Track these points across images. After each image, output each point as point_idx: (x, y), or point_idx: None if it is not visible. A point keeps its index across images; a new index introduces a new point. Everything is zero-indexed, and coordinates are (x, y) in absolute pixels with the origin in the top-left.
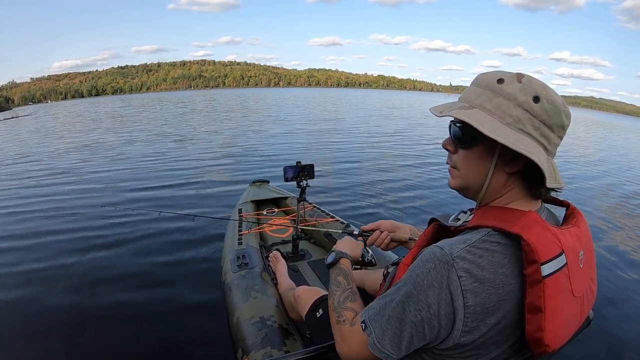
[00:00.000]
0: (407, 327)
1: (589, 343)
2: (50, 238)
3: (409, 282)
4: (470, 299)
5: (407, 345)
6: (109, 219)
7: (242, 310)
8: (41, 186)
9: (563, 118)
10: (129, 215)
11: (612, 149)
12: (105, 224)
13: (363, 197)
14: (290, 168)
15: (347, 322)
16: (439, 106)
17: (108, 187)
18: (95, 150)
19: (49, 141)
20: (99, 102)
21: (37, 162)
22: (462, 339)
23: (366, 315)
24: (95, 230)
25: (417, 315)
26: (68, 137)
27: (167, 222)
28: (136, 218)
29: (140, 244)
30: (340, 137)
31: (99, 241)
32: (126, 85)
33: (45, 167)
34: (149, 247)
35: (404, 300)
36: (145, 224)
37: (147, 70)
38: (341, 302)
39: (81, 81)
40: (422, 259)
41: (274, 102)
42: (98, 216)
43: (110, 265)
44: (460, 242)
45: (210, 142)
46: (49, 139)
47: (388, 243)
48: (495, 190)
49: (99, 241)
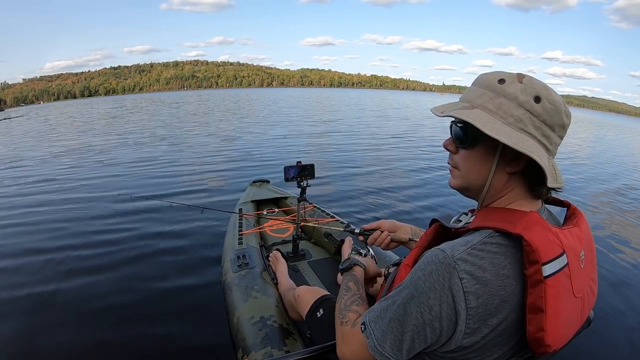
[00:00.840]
0: (409, 330)
1: (589, 343)
2: (53, 225)
3: (411, 284)
4: (472, 300)
5: (409, 349)
6: (104, 222)
7: (242, 310)
8: (60, 176)
9: (563, 118)
10: (127, 221)
11: (607, 147)
12: (105, 228)
13: (363, 197)
14: (291, 168)
15: (349, 323)
16: (440, 106)
17: (102, 197)
18: (84, 154)
19: (60, 139)
20: (92, 103)
21: (62, 154)
22: (464, 341)
23: (367, 318)
24: (94, 234)
25: (418, 317)
26: (70, 138)
27: (166, 223)
28: (133, 218)
29: (139, 246)
30: (340, 137)
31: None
32: (119, 86)
33: (63, 161)
34: (148, 248)
35: (405, 303)
36: (146, 224)
37: (140, 71)
38: (347, 305)
39: (73, 82)
40: (423, 262)
41: (270, 102)
42: (98, 217)
43: (109, 266)
44: (461, 244)
45: (209, 142)
46: (60, 137)
47: (388, 243)
48: (496, 190)
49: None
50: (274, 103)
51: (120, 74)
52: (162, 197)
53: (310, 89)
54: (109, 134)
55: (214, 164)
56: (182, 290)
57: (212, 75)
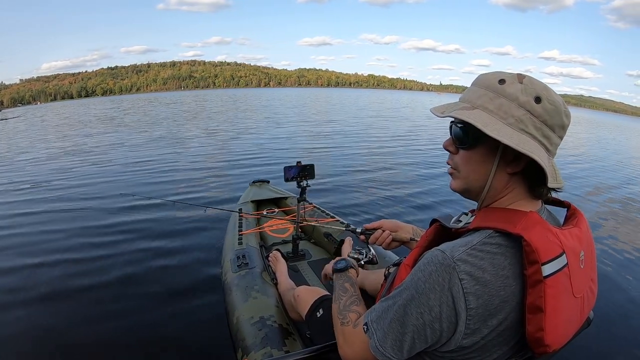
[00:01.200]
0: (409, 331)
1: (589, 343)
2: (56, 227)
3: (411, 285)
4: (472, 301)
5: (409, 349)
6: (105, 222)
7: (242, 310)
8: (61, 176)
9: (563, 118)
10: (127, 221)
11: (604, 146)
12: (106, 229)
13: (363, 197)
14: (291, 168)
15: (351, 324)
16: (441, 107)
17: (104, 197)
18: (84, 154)
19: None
20: (90, 103)
21: (62, 154)
22: (464, 341)
23: (369, 318)
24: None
25: (419, 318)
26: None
27: (167, 223)
28: (133, 218)
29: (139, 246)
30: (340, 137)
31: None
32: (116, 86)
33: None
34: (148, 248)
35: (405, 304)
36: (145, 224)
37: (137, 71)
38: (347, 306)
39: (71, 82)
40: (423, 262)
41: (267, 102)
42: (97, 219)
43: (109, 266)
44: (461, 244)
45: (209, 143)
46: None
47: (390, 242)
48: (497, 191)
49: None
50: (272, 102)
51: (118, 74)
52: (162, 197)
53: (308, 89)
54: (109, 135)
55: (213, 164)
56: (182, 290)
57: (209, 75)
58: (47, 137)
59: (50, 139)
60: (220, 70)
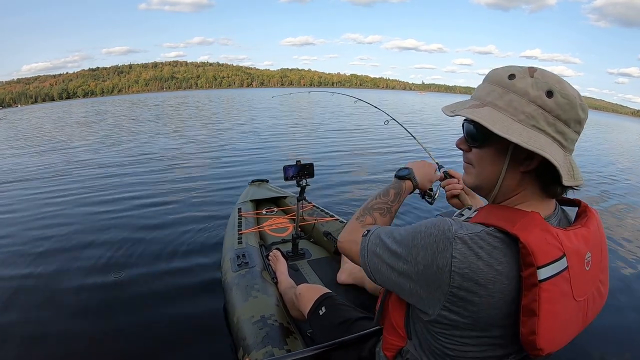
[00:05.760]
0: (388, 270)
1: (590, 343)
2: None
3: (410, 234)
4: (457, 280)
5: (383, 282)
6: (105, 223)
7: (243, 310)
8: (62, 176)
9: (579, 112)
10: (124, 217)
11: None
12: (102, 227)
13: (363, 196)
14: (290, 167)
15: (362, 223)
16: (450, 105)
17: (101, 195)
18: (85, 154)
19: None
20: (72, 105)
21: (62, 155)
22: (443, 313)
23: (373, 231)
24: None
25: (402, 266)
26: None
27: (166, 222)
28: (133, 219)
29: (138, 246)
30: (340, 136)
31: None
32: (97, 87)
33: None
34: (146, 249)
35: (396, 248)
36: (144, 224)
37: (119, 72)
38: (372, 207)
39: (52, 84)
40: (431, 221)
41: (259, 102)
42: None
43: (108, 266)
44: (469, 227)
45: (207, 143)
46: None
47: (455, 195)
48: (509, 189)
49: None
50: (270, 102)
51: (99, 76)
52: (160, 196)
53: (291, 88)
54: (108, 135)
55: (212, 163)
56: (181, 290)
57: (191, 76)
58: (46, 137)
59: (37, 142)
60: (203, 70)
